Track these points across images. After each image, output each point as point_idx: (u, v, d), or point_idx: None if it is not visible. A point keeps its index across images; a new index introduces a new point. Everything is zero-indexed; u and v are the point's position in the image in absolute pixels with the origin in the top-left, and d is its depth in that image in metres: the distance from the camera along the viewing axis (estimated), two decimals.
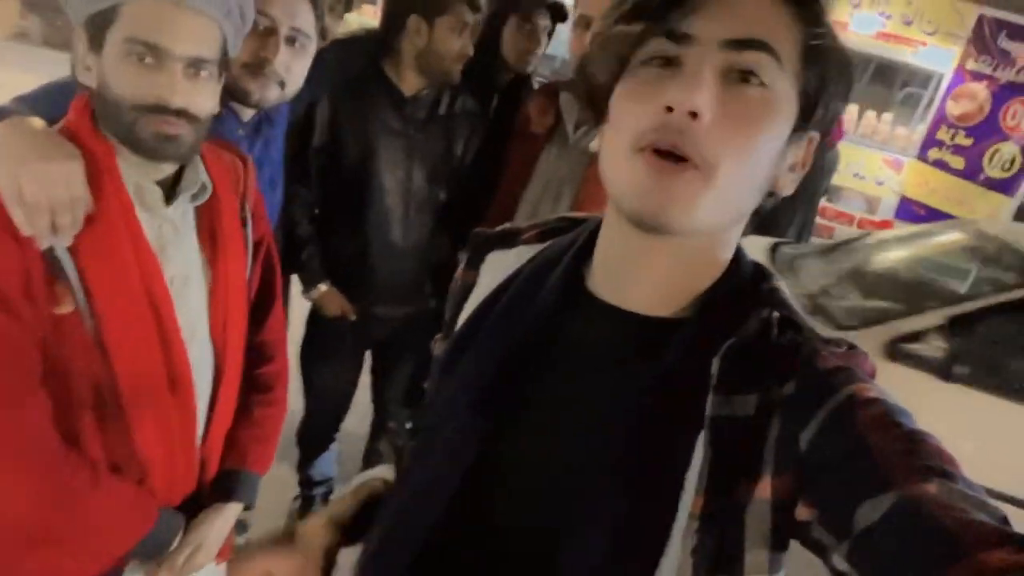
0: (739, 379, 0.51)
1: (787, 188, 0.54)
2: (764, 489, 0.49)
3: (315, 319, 1.90)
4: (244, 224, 1.03)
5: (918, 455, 0.44)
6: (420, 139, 1.71)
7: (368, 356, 2.02)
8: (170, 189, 0.93)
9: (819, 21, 0.50)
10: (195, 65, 0.85)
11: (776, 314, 0.54)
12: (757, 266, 0.59)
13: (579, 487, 0.52)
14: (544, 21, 1.90)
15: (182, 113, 0.84)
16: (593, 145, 1.55)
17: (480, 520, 0.56)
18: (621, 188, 0.51)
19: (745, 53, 0.48)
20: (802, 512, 0.47)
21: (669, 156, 0.48)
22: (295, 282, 1.81)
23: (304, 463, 2.08)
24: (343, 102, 1.65)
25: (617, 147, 0.51)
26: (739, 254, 0.58)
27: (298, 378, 1.89)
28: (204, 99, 0.87)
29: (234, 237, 1.00)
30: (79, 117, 0.87)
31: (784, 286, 0.58)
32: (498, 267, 0.67)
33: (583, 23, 1.44)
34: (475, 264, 0.70)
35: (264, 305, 1.14)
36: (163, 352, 0.90)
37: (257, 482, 1.12)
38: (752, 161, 0.50)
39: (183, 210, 0.95)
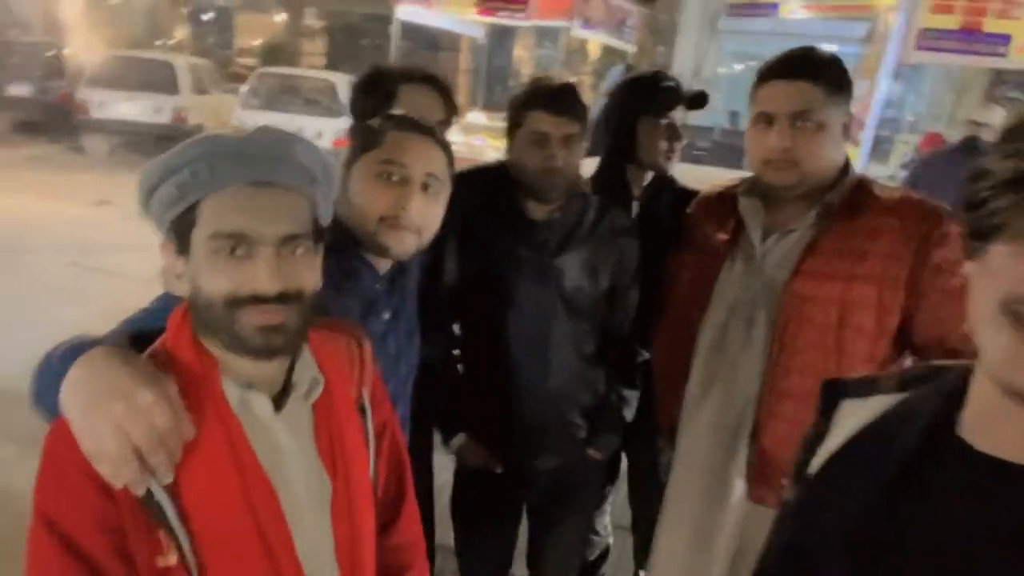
0: None
1: None
2: None
3: (461, 474, 1.73)
4: (363, 415, 0.95)
5: None
6: (557, 267, 1.53)
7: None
8: (280, 393, 0.85)
9: None
10: (288, 244, 0.79)
11: None
12: None
13: None
14: (682, 113, 1.73)
15: (282, 298, 0.78)
16: (785, 254, 1.35)
17: None
18: (986, 350, 0.53)
19: None
20: None
21: None
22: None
23: None
24: (469, 237, 1.53)
25: (984, 300, 0.52)
26: None
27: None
28: (303, 277, 0.80)
29: (353, 435, 0.91)
30: (177, 330, 0.81)
31: None
32: (853, 416, 0.69)
33: (764, 120, 1.32)
34: (828, 413, 0.72)
35: (395, 502, 1.04)
36: None
37: None
38: None
39: (296, 413, 0.86)
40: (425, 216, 1.19)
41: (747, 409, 1.38)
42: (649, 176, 1.77)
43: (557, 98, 1.47)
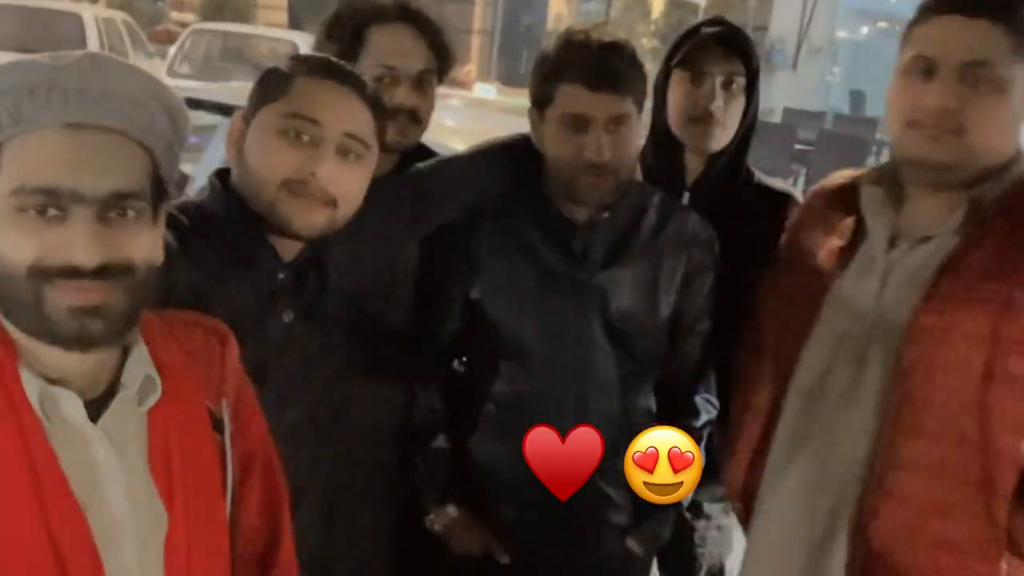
0: None
1: None
2: None
3: (439, 563, 1.67)
4: (220, 432, 1.01)
5: None
6: (601, 286, 1.54)
7: None
8: (104, 395, 0.91)
9: None
10: (115, 204, 0.84)
11: None
12: None
13: None
14: (727, 68, 1.73)
15: (104, 272, 0.83)
16: (915, 271, 1.33)
17: None
18: None
19: None
20: None
21: None
22: None
23: None
24: (482, 240, 1.56)
25: None
26: None
27: None
28: (134, 247, 0.86)
29: (202, 456, 0.98)
30: None
31: None
32: None
33: (921, 68, 1.29)
34: None
35: (266, 550, 1.10)
36: None
37: None
38: None
39: (123, 421, 0.92)
40: (341, 185, 1.24)
41: (850, 483, 1.36)
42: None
43: (600, 66, 1.46)
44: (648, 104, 1.70)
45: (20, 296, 0.83)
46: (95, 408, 0.89)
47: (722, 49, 1.71)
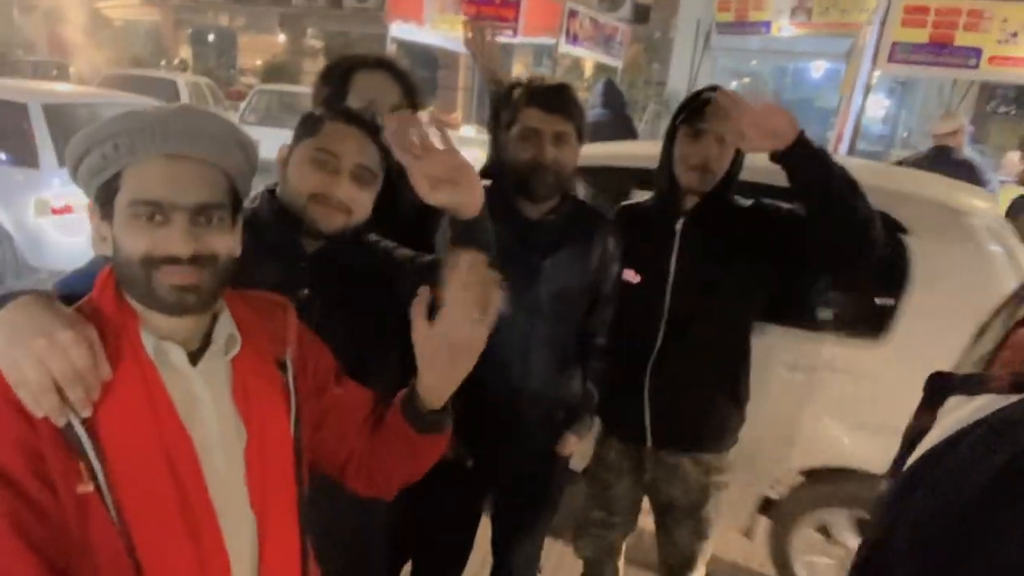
0: None
1: None
2: None
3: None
4: (284, 372, 0.99)
5: None
6: (547, 268, 1.55)
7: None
8: (200, 349, 0.91)
9: None
10: (203, 212, 0.86)
11: None
12: None
13: None
14: (720, 126, 1.54)
15: (196, 260, 0.84)
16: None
17: None
18: None
19: None
20: None
21: None
22: None
23: None
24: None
25: None
26: None
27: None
28: (217, 243, 0.87)
29: (270, 391, 0.96)
30: (102, 286, 0.88)
31: None
32: (957, 413, 0.66)
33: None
34: (932, 407, 0.70)
35: (372, 425, 1.07)
36: (189, 531, 0.84)
37: None
38: None
39: (214, 367, 0.92)
40: (354, 199, 1.26)
41: None
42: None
43: (551, 96, 1.50)
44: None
45: (136, 278, 0.84)
46: (194, 358, 0.90)
47: (716, 108, 1.55)
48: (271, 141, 2.02)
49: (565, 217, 1.57)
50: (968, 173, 3.57)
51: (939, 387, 0.69)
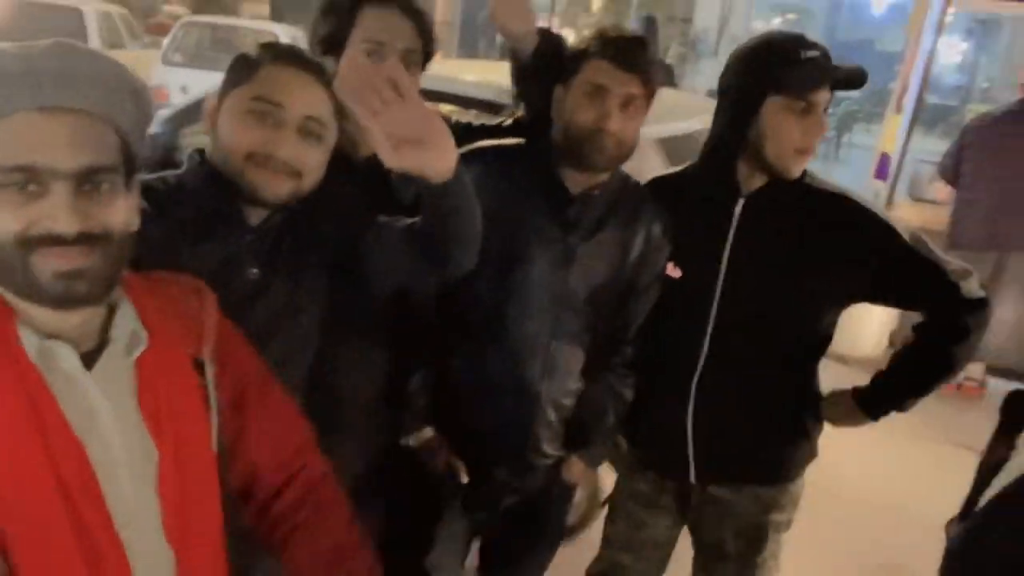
0: None
1: None
2: None
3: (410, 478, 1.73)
4: (201, 373, 0.99)
5: None
6: (584, 252, 1.57)
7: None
8: (96, 349, 0.90)
9: None
10: (89, 178, 0.83)
11: None
12: None
13: None
14: (827, 95, 1.52)
15: (84, 239, 0.82)
16: None
17: None
18: None
19: None
20: None
21: None
22: None
23: None
24: (487, 196, 1.48)
25: None
26: None
27: None
28: (110, 216, 0.85)
29: (187, 396, 0.96)
30: None
31: None
32: None
33: None
34: (1010, 433, 0.73)
35: (285, 463, 1.12)
36: (89, 570, 0.84)
37: None
38: None
39: (114, 371, 0.91)
40: (302, 160, 1.24)
41: None
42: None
43: (627, 49, 1.48)
44: None
45: (10, 264, 0.82)
46: (88, 360, 0.88)
47: (822, 75, 1.50)
48: (201, 86, 2.04)
49: (610, 194, 1.59)
50: None
51: (1019, 410, 0.71)
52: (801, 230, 1.58)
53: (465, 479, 1.65)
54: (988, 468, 0.71)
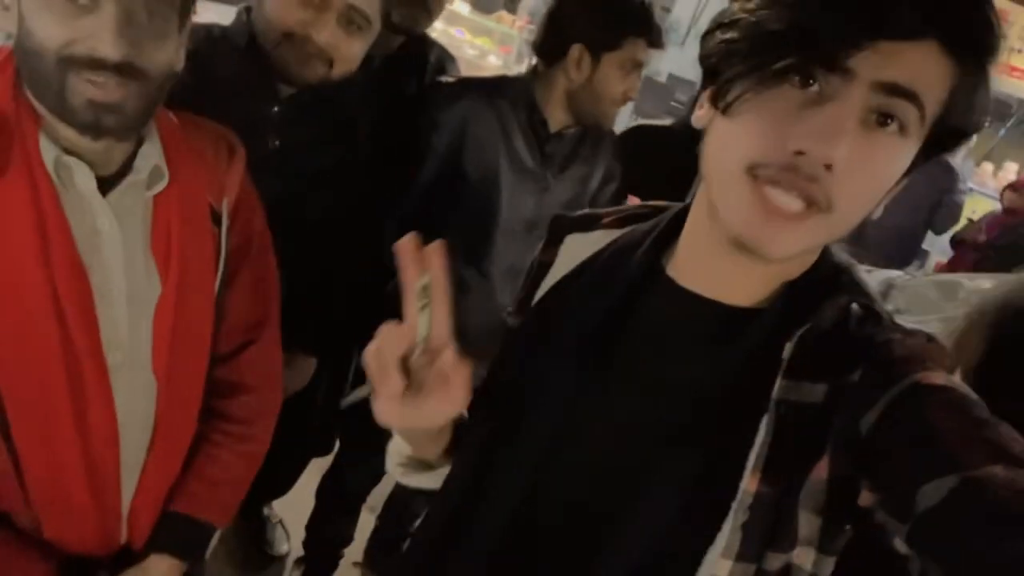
0: (810, 366, 0.61)
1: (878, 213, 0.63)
2: (821, 470, 0.59)
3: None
4: (217, 225, 0.99)
5: (986, 440, 0.51)
6: (554, 184, 1.71)
7: None
8: (115, 175, 0.88)
9: (978, 73, 0.56)
10: (145, 6, 0.78)
11: (857, 305, 0.64)
12: (842, 258, 0.68)
13: (654, 450, 0.65)
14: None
15: (122, 69, 0.78)
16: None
17: (560, 486, 0.71)
18: (726, 205, 0.60)
19: (894, 99, 0.55)
20: (865, 498, 0.57)
21: (780, 185, 0.56)
22: None
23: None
24: (475, 126, 1.62)
25: (729, 159, 0.59)
26: (826, 248, 0.68)
27: None
28: (153, 51, 0.80)
29: (199, 242, 0.96)
30: None
31: (866, 277, 0.68)
32: (576, 249, 0.80)
33: None
34: (554, 244, 0.84)
35: (252, 328, 1.09)
36: (71, 387, 0.84)
37: (208, 534, 1.06)
38: (871, 203, 0.60)
39: (130, 202, 0.89)
40: (339, 48, 1.22)
41: None
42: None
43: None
44: None
45: (47, 78, 0.78)
46: (106, 185, 0.86)
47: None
48: None
49: (578, 131, 1.74)
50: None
51: (559, 227, 0.84)
52: None
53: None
54: (537, 271, 0.84)
